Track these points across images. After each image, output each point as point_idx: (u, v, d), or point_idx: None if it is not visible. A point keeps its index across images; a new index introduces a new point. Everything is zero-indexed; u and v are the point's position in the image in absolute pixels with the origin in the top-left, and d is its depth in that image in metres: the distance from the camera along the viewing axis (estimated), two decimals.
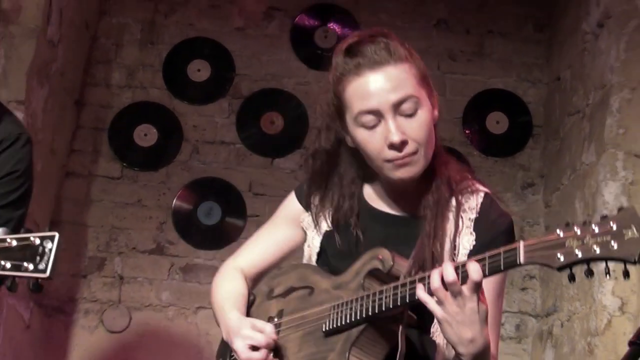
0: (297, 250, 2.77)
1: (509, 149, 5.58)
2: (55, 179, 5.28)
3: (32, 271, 2.28)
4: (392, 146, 2.38)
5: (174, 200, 5.39)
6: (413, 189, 2.51)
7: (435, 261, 2.41)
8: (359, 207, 2.58)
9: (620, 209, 1.99)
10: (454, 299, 2.15)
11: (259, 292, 2.73)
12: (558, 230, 2.04)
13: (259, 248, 2.82)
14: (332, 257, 2.58)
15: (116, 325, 5.22)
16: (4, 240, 2.28)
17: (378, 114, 2.39)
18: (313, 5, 5.69)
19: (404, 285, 2.26)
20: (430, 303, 2.19)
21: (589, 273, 2.01)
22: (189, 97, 5.57)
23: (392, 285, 2.29)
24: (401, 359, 2.31)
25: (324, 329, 2.42)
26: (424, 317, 2.34)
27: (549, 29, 5.64)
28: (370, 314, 2.31)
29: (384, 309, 2.29)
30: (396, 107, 2.39)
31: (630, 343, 1.56)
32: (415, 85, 2.43)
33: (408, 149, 2.39)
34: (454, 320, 2.17)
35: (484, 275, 2.14)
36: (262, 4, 5.67)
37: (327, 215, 2.63)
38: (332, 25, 5.66)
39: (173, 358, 5.21)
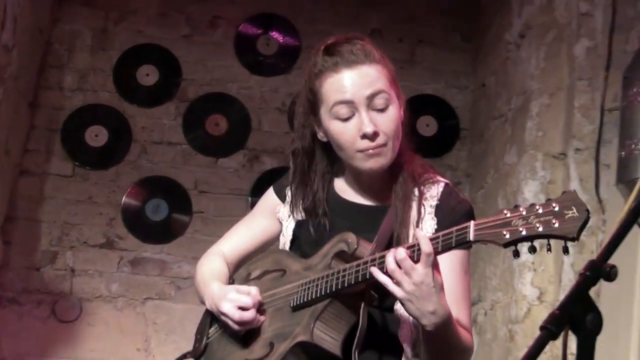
0: (274, 240, 2.79)
1: (438, 150, 5.62)
2: (10, 177, 5.23)
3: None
4: (364, 136, 2.42)
5: (123, 198, 5.37)
6: (379, 181, 2.55)
7: (396, 244, 2.44)
8: (329, 198, 2.61)
9: (564, 192, 2.04)
10: (409, 277, 2.18)
11: (238, 276, 2.75)
12: (505, 211, 2.09)
13: (238, 237, 2.83)
14: (304, 244, 2.61)
15: (68, 315, 5.19)
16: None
17: (352, 106, 2.44)
18: (256, 15, 5.69)
19: (365, 263, 2.30)
20: (389, 284, 2.22)
21: (532, 249, 2.05)
22: (138, 100, 5.55)
23: (355, 263, 2.33)
24: (362, 334, 2.35)
25: (291, 305, 2.46)
26: (387, 295, 2.35)
27: (475, 39, 5.68)
28: (334, 289, 2.35)
29: (346, 285, 2.33)
30: (369, 100, 2.43)
31: (542, 328, 1.59)
32: (387, 84, 2.48)
33: (379, 140, 2.43)
34: (413, 297, 2.20)
35: (437, 252, 2.18)
36: (207, 13, 5.66)
37: (300, 206, 2.65)
38: (273, 34, 5.66)
39: (122, 346, 5.19)
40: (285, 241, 2.70)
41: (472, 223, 2.14)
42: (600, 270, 1.64)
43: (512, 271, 4.31)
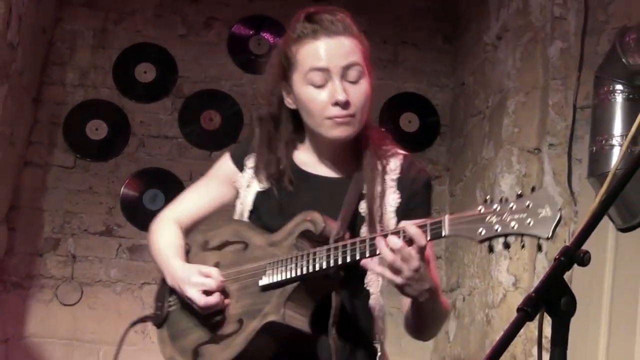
0: (227, 207, 2.70)
1: (419, 145, 5.61)
2: (15, 168, 5.21)
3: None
4: (336, 104, 2.38)
5: (122, 188, 5.35)
6: (341, 153, 2.51)
7: (363, 220, 2.43)
8: (291, 170, 2.53)
9: (533, 189, 2.03)
10: (407, 264, 2.15)
11: (194, 242, 2.65)
12: (480, 207, 2.07)
13: (193, 201, 2.72)
14: (264, 216, 2.53)
15: (69, 299, 5.18)
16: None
17: (327, 74, 2.39)
18: (248, 17, 5.67)
19: (336, 248, 2.27)
20: (387, 274, 2.18)
21: (506, 245, 2.05)
22: (136, 96, 5.53)
23: (326, 247, 2.29)
24: (336, 312, 2.33)
25: (260, 284, 2.40)
26: (357, 270, 2.34)
27: (455, 40, 5.69)
28: (304, 273, 2.31)
29: (317, 269, 2.29)
30: (344, 70, 2.39)
31: (519, 309, 1.60)
32: (362, 59, 2.45)
33: (349, 110, 2.39)
34: (412, 281, 2.18)
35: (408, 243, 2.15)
36: (202, 15, 5.64)
37: (261, 176, 2.56)
38: (264, 34, 5.65)
39: (120, 328, 5.15)
40: (242, 210, 2.59)
41: (446, 217, 2.12)
42: (574, 255, 1.65)
43: (489, 259, 4.31)
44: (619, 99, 3.72)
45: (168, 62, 5.56)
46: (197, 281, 2.44)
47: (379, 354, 2.49)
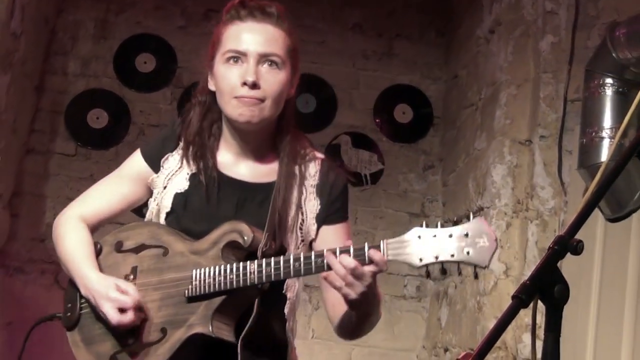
0: (135, 206, 2.59)
1: (413, 136, 5.62)
2: (17, 156, 5.21)
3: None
4: (244, 84, 2.32)
5: None
6: (260, 155, 2.45)
7: (283, 228, 2.38)
8: (213, 173, 2.45)
9: (469, 216, 2.05)
10: (360, 282, 2.13)
11: (106, 242, 2.51)
12: (417, 233, 2.08)
13: (101, 199, 2.57)
14: (183, 218, 2.44)
15: None
16: None
17: (244, 57, 2.35)
18: None
19: (268, 264, 2.22)
20: (342, 289, 2.16)
21: (443, 271, 2.12)
22: (137, 85, 5.52)
23: (257, 263, 2.24)
24: (252, 324, 2.29)
25: (186, 295, 2.31)
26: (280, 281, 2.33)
27: (448, 34, 5.69)
28: (234, 286, 2.25)
29: (248, 284, 2.24)
30: (261, 57, 2.35)
31: (513, 297, 1.61)
32: (284, 52, 2.39)
33: (258, 93, 2.33)
34: (364, 298, 2.17)
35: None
36: (201, 6, 5.63)
37: (179, 178, 2.47)
38: None
39: None
40: (159, 211, 2.48)
41: (385, 242, 2.12)
42: (567, 244, 1.65)
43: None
44: (608, 92, 3.72)
45: (168, 53, 5.55)
46: (113, 297, 2.33)
47: (288, 350, 2.46)
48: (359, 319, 2.32)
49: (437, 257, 2.05)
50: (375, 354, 5.32)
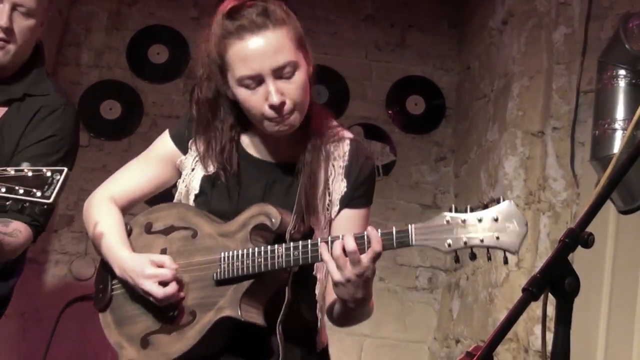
0: (165, 188, 2.58)
1: (425, 127, 5.61)
2: None
3: (40, 197, 2.21)
4: (272, 107, 2.27)
5: None
6: (288, 139, 2.41)
7: (311, 210, 2.36)
8: (238, 154, 2.44)
9: (497, 200, 2.02)
10: (352, 266, 2.13)
11: (136, 223, 2.51)
12: (446, 218, 2.05)
13: (131, 180, 2.57)
14: (212, 201, 2.44)
15: (83, 274, 5.20)
16: (21, 170, 2.23)
17: (259, 77, 2.27)
18: None
19: (296, 248, 2.22)
20: (330, 265, 2.16)
21: (473, 256, 2.04)
22: (149, 76, 5.53)
23: (285, 246, 2.24)
24: (287, 308, 2.29)
25: (215, 278, 2.31)
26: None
27: (461, 25, 5.67)
28: (262, 270, 2.25)
29: (277, 267, 2.24)
30: (276, 71, 2.26)
31: (524, 290, 1.60)
32: (293, 49, 2.30)
33: (286, 108, 2.28)
34: (349, 284, 2.16)
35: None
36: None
37: (207, 160, 2.45)
38: None
39: None
40: (187, 193, 2.48)
41: (412, 227, 2.10)
42: (578, 237, 1.65)
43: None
44: (621, 83, 3.70)
45: (180, 44, 5.55)
46: (151, 273, 2.32)
47: (318, 333, 2.47)
48: (344, 310, 2.34)
49: (466, 243, 2.03)
50: (386, 345, 5.32)
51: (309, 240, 2.24)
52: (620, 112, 3.68)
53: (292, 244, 2.24)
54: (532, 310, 3.92)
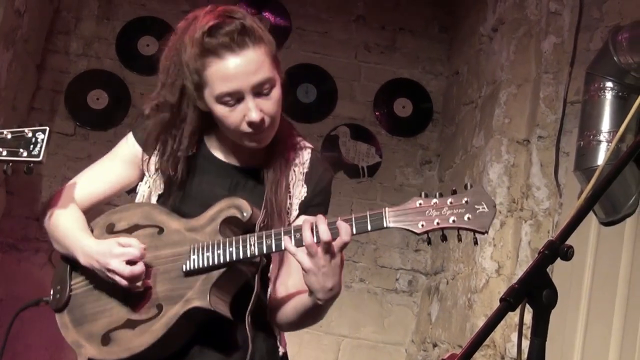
0: (128, 189, 2.56)
1: (411, 131, 5.62)
2: None
3: (27, 156, 2.20)
4: (250, 124, 2.29)
5: None
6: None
7: (277, 209, 2.39)
8: (202, 156, 2.46)
9: (467, 186, 2.09)
10: (323, 254, 2.15)
11: (96, 224, 2.47)
12: (418, 201, 2.11)
13: (93, 182, 2.55)
14: (176, 199, 2.44)
15: None
16: (0, 133, 2.22)
17: (239, 94, 2.28)
18: None
19: (268, 236, 2.23)
20: (299, 255, 2.18)
21: (444, 238, 2.11)
22: (138, 68, 5.49)
23: (257, 234, 2.25)
24: (256, 298, 2.30)
25: (184, 269, 2.30)
26: (267, 257, 2.35)
27: (451, 30, 5.67)
28: (234, 259, 2.25)
29: (249, 255, 2.25)
30: (255, 88, 2.28)
31: (501, 300, 1.60)
32: (270, 66, 2.32)
33: (263, 124, 2.31)
34: (319, 272, 2.17)
35: (352, 234, 2.16)
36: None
37: (170, 161, 2.44)
38: (266, 14, 5.62)
39: None
40: (151, 193, 2.47)
41: (386, 210, 2.13)
42: (558, 249, 1.64)
43: (474, 245, 4.31)
44: (608, 96, 3.71)
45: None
46: (119, 252, 2.30)
47: (278, 336, 2.48)
48: (306, 308, 2.32)
49: (438, 224, 2.09)
50: (364, 345, 5.32)
51: (282, 228, 2.25)
52: (605, 124, 3.69)
53: (264, 232, 2.25)
54: (509, 317, 3.92)
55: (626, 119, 2.43)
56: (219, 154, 2.49)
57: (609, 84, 3.70)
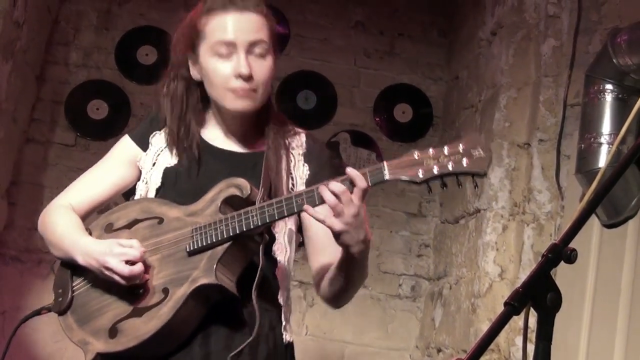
0: (126, 189, 2.59)
1: (412, 136, 5.61)
2: (17, 144, 5.20)
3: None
4: (239, 76, 2.38)
5: None
6: (247, 130, 2.53)
7: (275, 187, 2.43)
8: (200, 146, 2.51)
9: (460, 135, 2.11)
10: (348, 209, 2.17)
11: (95, 226, 2.50)
12: (415, 153, 2.16)
13: (90, 186, 2.58)
14: (175, 192, 2.47)
15: None
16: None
17: (233, 47, 2.40)
18: None
19: (270, 205, 2.25)
20: (328, 220, 2.19)
21: (444, 185, 2.18)
22: (138, 77, 5.50)
23: (258, 206, 2.27)
24: (261, 275, 2.31)
25: (187, 249, 2.32)
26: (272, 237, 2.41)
27: (450, 34, 5.68)
28: (237, 232, 2.27)
29: (252, 227, 2.26)
30: (250, 46, 2.41)
31: (506, 304, 1.60)
32: (269, 37, 2.46)
33: (252, 84, 2.40)
34: (351, 228, 2.20)
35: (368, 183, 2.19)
36: (203, 0, 5.61)
37: (167, 153, 2.52)
38: None
39: None
40: (148, 189, 2.51)
41: (384, 163, 2.18)
42: (561, 253, 1.65)
43: (477, 249, 4.31)
44: (608, 98, 3.71)
45: (169, 45, 5.51)
46: (118, 252, 2.32)
47: (284, 323, 2.48)
48: (347, 266, 2.33)
49: (437, 171, 2.14)
50: (368, 352, 5.32)
51: (283, 196, 2.28)
52: (606, 126, 3.69)
53: (265, 202, 2.27)
54: (514, 321, 3.90)
55: (627, 121, 2.43)
56: (215, 142, 2.54)
57: (609, 86, 3.70)
